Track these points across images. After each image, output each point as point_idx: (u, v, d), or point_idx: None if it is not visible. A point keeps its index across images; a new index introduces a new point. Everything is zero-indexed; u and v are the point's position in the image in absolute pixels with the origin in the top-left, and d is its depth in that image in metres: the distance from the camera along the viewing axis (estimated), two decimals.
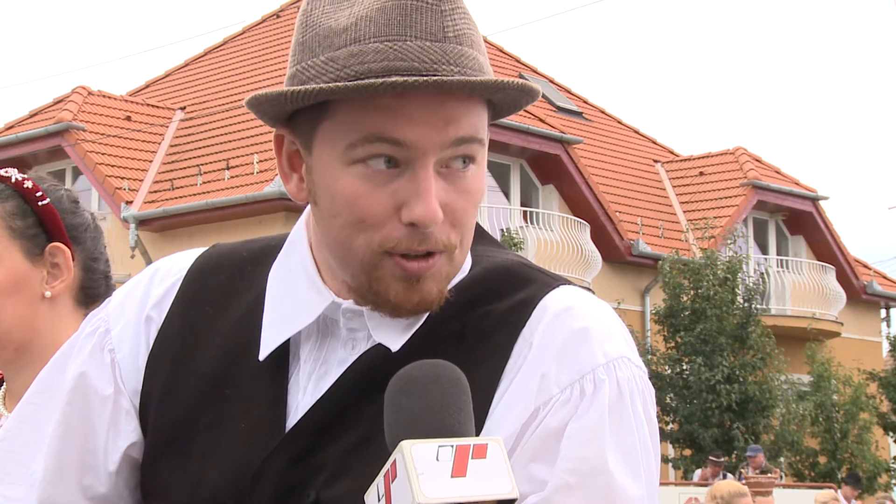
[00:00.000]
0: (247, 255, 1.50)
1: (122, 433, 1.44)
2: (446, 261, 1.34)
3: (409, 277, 1.33)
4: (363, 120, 1.29)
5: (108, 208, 19.75)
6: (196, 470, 1.39)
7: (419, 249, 1.32)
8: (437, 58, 1.29)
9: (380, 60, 1.28)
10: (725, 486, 8.23)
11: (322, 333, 1.41)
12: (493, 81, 1.30)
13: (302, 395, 1.38)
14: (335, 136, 1.32)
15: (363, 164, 1.31)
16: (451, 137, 1.30)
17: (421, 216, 1.29)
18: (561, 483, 1.29)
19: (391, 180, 1.31)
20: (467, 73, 1.31)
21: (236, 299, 1.46)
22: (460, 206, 1.34)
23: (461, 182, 1.33)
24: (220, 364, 1.42)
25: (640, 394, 1.35)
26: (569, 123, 23.76)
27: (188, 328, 1.46)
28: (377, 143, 1.29)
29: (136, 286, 1.51)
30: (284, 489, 1.34)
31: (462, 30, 1.32)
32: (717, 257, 19.97)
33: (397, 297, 1.34)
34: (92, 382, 1.45)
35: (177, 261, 1.53)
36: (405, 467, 1.10)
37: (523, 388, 1.33)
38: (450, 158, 1.32)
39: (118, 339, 1.47)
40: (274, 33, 24.42)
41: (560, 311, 1.36)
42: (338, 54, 1.30)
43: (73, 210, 2.06)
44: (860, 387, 21.32)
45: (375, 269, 1.33)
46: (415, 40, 1.29)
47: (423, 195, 1.29)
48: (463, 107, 1.31)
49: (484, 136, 1.35)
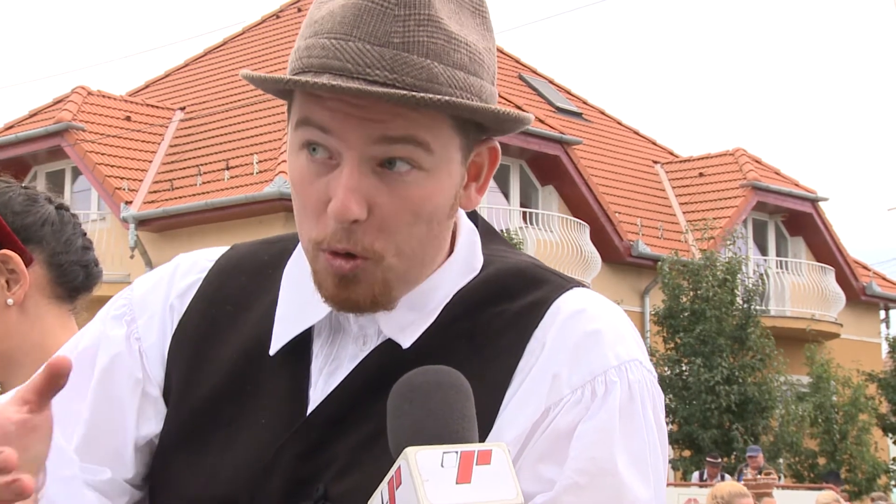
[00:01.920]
0: (267, 258, 1.52)
1: (151, 419, 1.46)
2: (374, 267, 1.34)
3: (337, 275, 1.34)
4: (304, 104, 1.34)
5: (107, 208, 19.77)
6: (212, 464, 1.40)
7: (338, 248, 1.33)
8: (372, 62, 1.30)
9: (320, 57, 1.32)
10: (726, 486, 8.23)
11: (333, 329, 1.42)
12: (402, 95, 1.28)
13: (312, 391, 1.40)
14: (292, 119, 1.37)
15: (307, 152, 1.34)
16: (376, 134, 1.31)
17: (333, 209, 1.31)
18: (570, 483, 1.29)
19: (327, 171, 1.33)
20: (405, 80, 1.29)
21: (256, 300, 1.48)
22: (391, 209, 1.32)
23: (398, 185, 1.32)
24: (239, 361, 1.44)
25: (650, 397, 1.36)
26: (568, 124, 23.76)
27: (208, 325, 1.47)
28: (310, 127, 1.33)
29: (160, 279, 1.53)
30: (294, 482, 1.35)
31: (416, 37, 1.31)
32: (717, 258, 19.98)
33: (328, 293, 1.36)
34: (125, 364, 1.47)
35: (198, 259, 1.54)
36: (410, 474, 1.10)
37: (535, 388, 1.33)
38: (382, 157, 1.32)
39: (144, 328, 1.49)
40: (273, 34, 24.44)
41: (573, 312, 1.37)
42: (302, 44, 1.35)
43: (25, 210, 2.03)
44: (859, 388, 21.33)
45: (315, 262, 1.36)
46: (357, 41, 1.30)
47: (340, 189, 1.30)
48: (395, 112, 1.30)
49: (431, 142, 1.33)
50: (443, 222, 1.38)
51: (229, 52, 25.03)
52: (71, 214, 2.10)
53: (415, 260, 1.38)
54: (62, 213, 2.08)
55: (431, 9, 1.32)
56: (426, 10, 1.32)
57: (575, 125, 24.50)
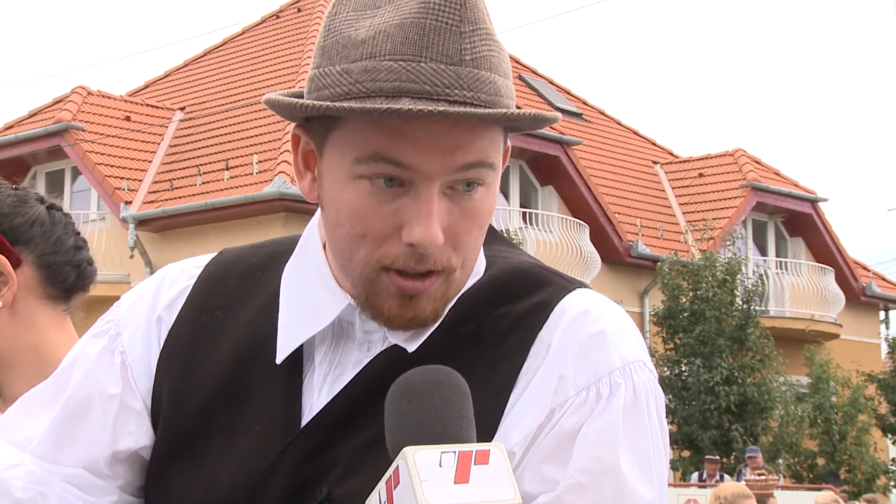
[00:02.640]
0: (256, 261, 1.51)
1: (132, 433, 1.45)
2: (444, 282, 1.34)
3: (404, 294, 1.33)
4: (370, 138, 1.29)
5: (107, 208, 19.76)
6: (209, 472, 1.39)
7: (417, 268, 1.32)
8: (450, 82, 1.27)
9: (391, 80, 1.27)
10: (730, 487, 8.21)
11: (337, 336, 1.41)
12: (502, 114, 1.28)
13: (317, 397, 1.39)
14: (343, 148, 1.31)
15: (368, 181, 1.30)
16: (457, 163, 1.29)
17: (420, 238, 1.29)
18: (573, 483, 1.30)
19: (395, 199, 1.30)
20: (481, 98, 1.29)
21: (247, 303, 1.47)
22: (464, 228, 1.33)
23: (467, 204, 1.33)
24: (232, 367, 1.43)
25: (653, 398, 1.37)
26: (568, 125, 23.77)
27: (199, 332, 1.46)
28: (382, 163, 1.29)
29: (145, 290, 1.52)
30: (297, 485, 1.35)
31: (481, 52, 1.30)
32: (717, 259, 19.98)
33: (390, 312, 1.34)
34: (98, 381, 1.46)
35: (186, 266, 1.53)
36: (409, 473, 1.10)
37: (540, 389, 1.33)
38: (456, 182, 1.31)
39: (129, 341, 1.47)
40: (273, 34, 24.42)
41: (578, 314, 1.37)
42: (352, 67, 1.29)
43: (14, 211, 2.02)
44: (859, 388, 21.32)
45: (373, 284, 1.34)
46: (429, 62, 1.27)
47: (425, 218, 1.29)
48: (473, 133, 1.30)
49: (495, 160, 1.34)
50: (486, 231, 1.39)
51: (229, 52, 25.01)
52: (63, 214, 2.10)
53: (471, 269, 1.39)
54: (53, 213, 2.07)
55: (487, 23, 1.32)
56: (484, 24, 1.31)
57: (575, 125, 24.49)
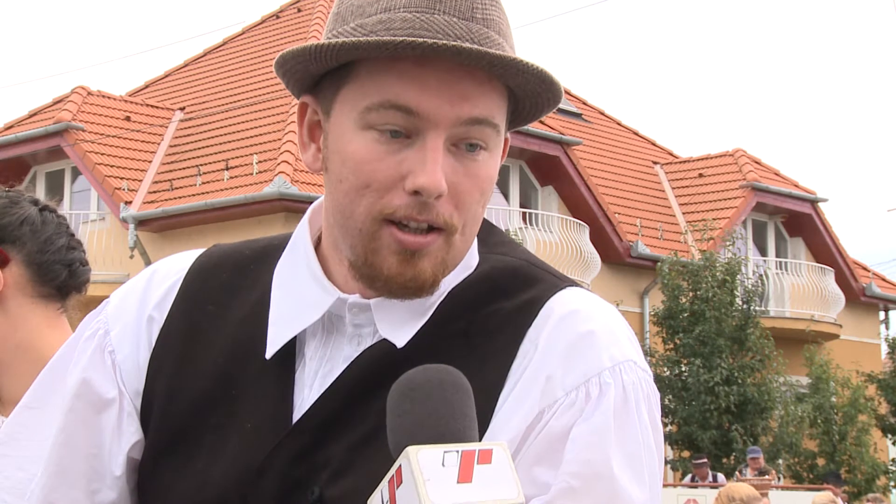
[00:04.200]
0: (249, 253, 1.51)
1: (125, 434, 1.44)
2: (444, 243, 1.35)
3: (404, 251, 1.33)
4: (382, 84, 1.32)
5: (107, 208, 19.75)
6: (201, 470, 1.38)
7: (419, 218, 1.32)
8: (462, 34, 1.31)
9: (405, 28, 1.31)
10: (744, 488, 8.15)
11: (327, 331, 1.41)
12: (512, 59, 1.30)
13: (308, 392, 1.39)
14: (354, 98, 1.34)
15: (376, 130, 1.32)
16: (465, 115, 1.32)
17: (424, 184, 1.30)
18: (565, 486, 1.29)
19: (401, 149, 1.32)
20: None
21: (240, 298, 1.46)
22: (465, 187, 1.34)
23: (470, 165, 1.34)
24: (225, 364, 1.42)
25: (645, 398, 1.36)
26: (568, 125, 23.76)
27: (191, 327, 1.45)
28: (392, 110, 1.31)
29: (134, 288, 1.50)
30: (289, 485, 1.34)
31: (491, 15, 1.34)
32: (716, 259, 19.97)
33: (390, 270, 1.34)
34: (94, 387, 1.45)
35: (176, 261, 1.52)
36: (412, 473, 1.09)
37: (528, 389, 1.33)
38: (461, 137, 1.33)
39: (118, 340, 1.46)
40: (273, 34, 24.41)
41: (566, 313, 1.36)
42: (367, 21, 1.33)
43: (3, 211, 2.05)
44: (859, 389, 21.32)
45: (373, 240, 1.34)
46: (442, 14, 1.31)
47: (430, 165, 1.31)
48: (481, 87, 1.33)
49: (500, 124, 1.36)
50: (487, 204, 1.40)
51: (229, 52, 25.00)
52: (56, 215, 2.11)
53: (470, 240, 1.40)
54: (45, 213, 2.09)
55: None
56: None
57: (575, 126, 24.49)
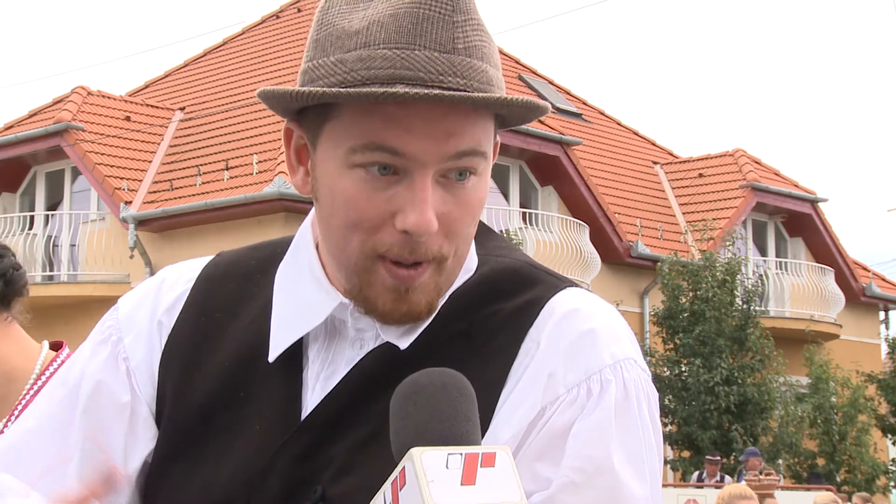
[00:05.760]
0: (255, 263, 1.52)
1: (141, 440, 1.45)
2: (435, 271, 1.35)
3: (398, 287, 1.34)
4: (365, 126, 1.31)
5: (107, 208, 19.75)
6: (208, 472, 1.40)
7: (408, 258, 1.33)
8: (444, 69, 1.29)
9: (386, 67, 1.29)
10: (740, 488, 8.16)
11: (330, 334, 1.42)
12: (496, 98, 1.30)
13: (310, 394, 1.40)
14: (339, 137, 1.33)
15: (363, 169, 1.32)
16: (451, 150, 1.31)
17: (414, 225, 1.30)
18: (566, 481, 1.30)
19: (389, 186, 1.32)
20: (474, 85, 1.31)
21: (246, 306, 1.47)
22: (457, 216, 1.35)
23: (460, 193, 1.34)
24: (232, 368, 1.43)
25: (645, 396, 1.37)
26: (568, 125, 23.77)
27: (199, 334, 1.47)
28: (377, 151, 1.30)
29: (145, 294, 1.52)
30: (292, 484, 1.35)
31: (473, 42, 1.32)
32: (716, 259, 19.98)
33: (385, 307, 1.35)
34: (109, 390, 1.46)
35: (184, 269, 1.53)
36: (415, 475, 1.10)
37: (530, 387, 1.34)
38: (450, 169, 1.33)
39: (131, 347, 1.48)
40: (273, 34, 24.42)
41: (567, 312, 1.38)
42: (347, 57, 1.31)
43: None
44: (858, 389, 21.32)
45: (367, 274, 1.34)
46: (423, 50, 1.29)
47: (419, 205, 1.30)
48: (466, 120, 1.32)
49: (487, 149, 1.36)
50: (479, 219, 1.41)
51: (229, 52, 25.01)
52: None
53: (463, 258, 1.40)
54: None
55: (477, 14, 1.35)
56: (475, 15, 1.34)
57: (574, 126, 24.49)
